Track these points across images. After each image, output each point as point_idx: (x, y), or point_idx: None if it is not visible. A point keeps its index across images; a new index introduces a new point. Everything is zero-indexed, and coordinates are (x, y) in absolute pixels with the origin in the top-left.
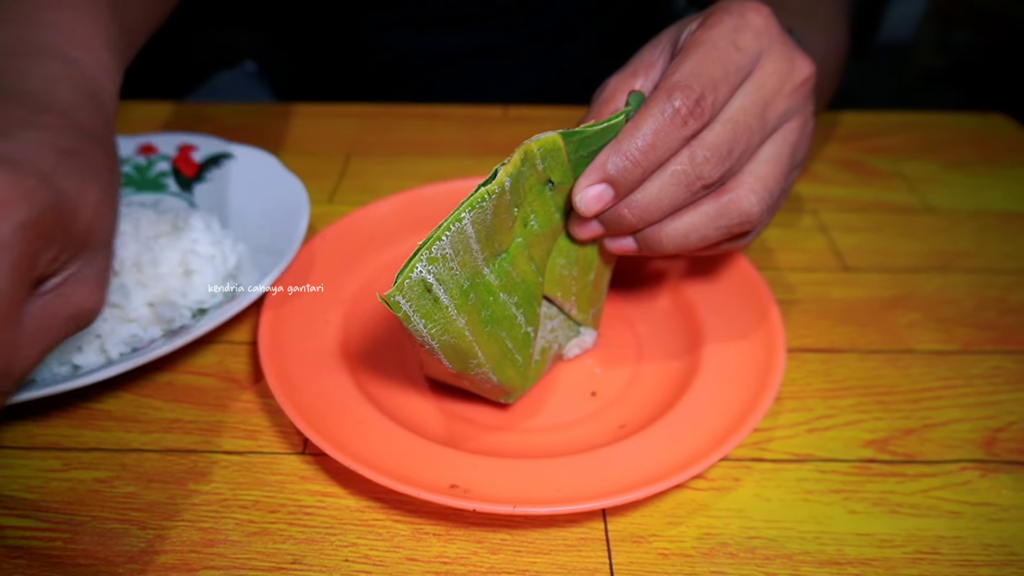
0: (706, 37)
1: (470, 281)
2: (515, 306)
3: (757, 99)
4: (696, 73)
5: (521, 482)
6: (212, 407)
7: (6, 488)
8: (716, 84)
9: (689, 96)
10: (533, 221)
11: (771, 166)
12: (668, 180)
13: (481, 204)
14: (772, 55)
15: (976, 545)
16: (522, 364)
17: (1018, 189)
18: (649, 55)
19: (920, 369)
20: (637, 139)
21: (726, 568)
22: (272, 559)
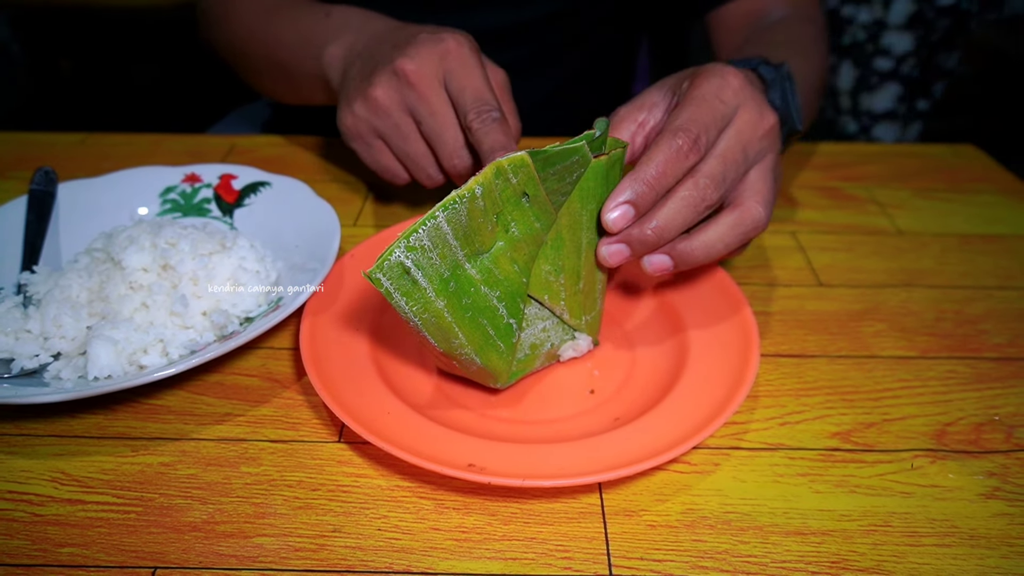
0: (698, 93)
1: (450, 272)
2: (497, 299)
3: (739, 140)
4: (693, 119)
5: (529, 462)
6: (258, 403)
7: (84, 471)
8: (708, 127)
9: (689, 136)
10: (514, 228)
11: (762, 183)
12: (679, 204)
13: (454, 206)
14: (747, 107)
15: (923, 520)
16: (505, 351)
17: (978, 213)
18: (655, 95)
19: (882, 372)
20: (651, 169)
21: (705, 537)
22: (315, 528)
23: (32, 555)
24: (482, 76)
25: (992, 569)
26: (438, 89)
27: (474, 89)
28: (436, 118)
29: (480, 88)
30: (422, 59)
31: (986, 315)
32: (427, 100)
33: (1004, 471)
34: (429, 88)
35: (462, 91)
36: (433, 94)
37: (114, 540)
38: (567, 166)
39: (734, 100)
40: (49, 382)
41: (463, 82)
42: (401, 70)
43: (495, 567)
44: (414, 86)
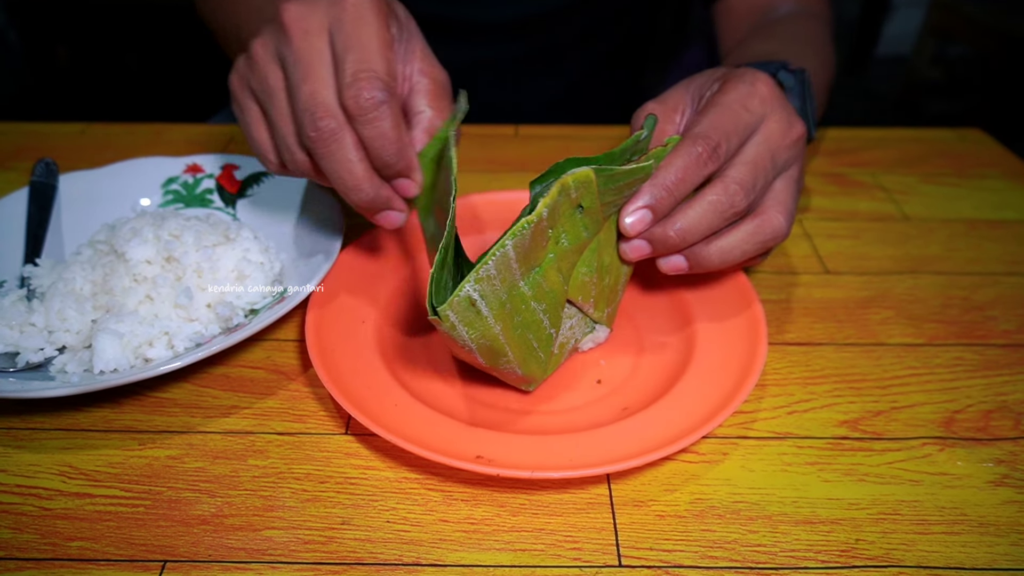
0: (722, 100)
1: (507, 294)
2: (543, 312)
3: (767, 148)
4: (714, 127)
5: (537, 453)
6: (264, 395)
7: (91, 464)
8: (729, 136)
9: (708, 144)
10: (564, 240)
11: (786, 193)
12: (706, 208)
13: (522, 231)
14: (775, 116)
15: (932, 508)
16: (543, 360)
17: (986, 199)
18: (680, 95)
19: (890, 359)
20: (669, 175)
21: (714, 527)
22: (324, 521)
23: (42, 549)
24: (377, 37)
25: (1001, 556)
26: (313, 38)
27: (361, 49)
28: (299, 67)
29: (369, 50)
30: (309, 4)
31: (994, 301)
32: (295, 46)
33: (1013, 458)
34: (301, 34)
35: (345, 50)
36: (304, 40)
37: (123, 534)
38: (630, 183)
39: (761, 109)
40: (55, 376)
41: (349, 39)
42: (280, 16)
43: (504, 558)
44: (287, 30)
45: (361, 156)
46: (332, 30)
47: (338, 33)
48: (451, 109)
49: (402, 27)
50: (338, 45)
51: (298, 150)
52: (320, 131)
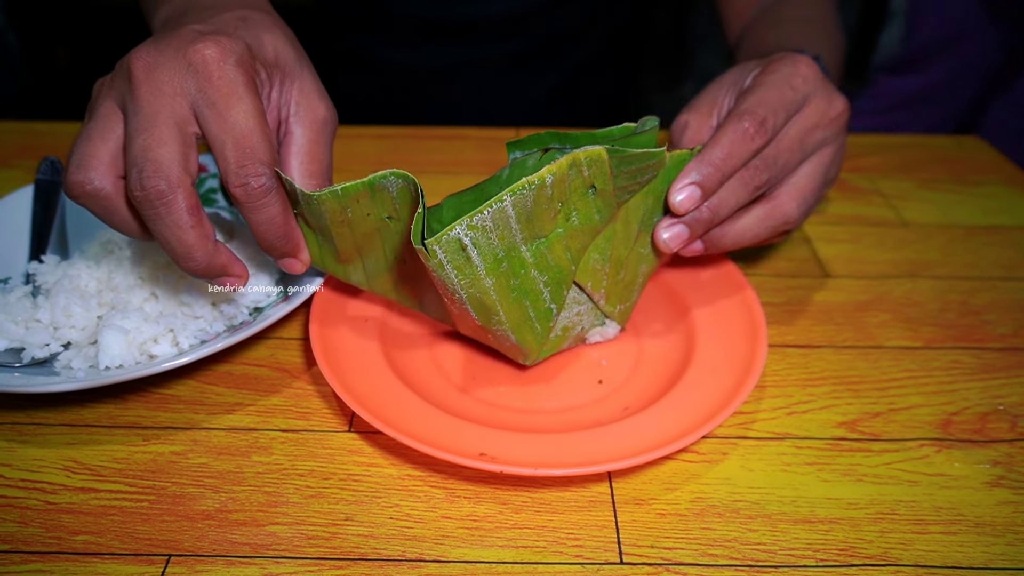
0: (767, 79)
1: (505, 252)
2: (544, 284)
3: (800, 128)
4: (761, 103)
5: (539, 451)
6: (268, 393)
7: (95, 459)
8: (775, 111)
9: (755, 118)
10: (575, 217)
11: (808, 180)
12: (734, 183)
13: (522, 191)
14: (816, 96)
15: (929, 508)
16: (540, 333)
17: (984, 205)
18: (713, 96)
19: (888, 362)
20: (718, 151)
21: (714, 526)
22: (328, 517)
23: (47, 543)
24: (254, 115)
25: (998, 556)
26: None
27: (240, 133)
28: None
29: (248, 132)
30: (163, 57)
31: (991, 305)
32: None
33: (1009, 460)
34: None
35: (222, 132)
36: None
37: (128, 528)
38: (642, 168)
39: (804, 88)
40: (60, 371)
41: (224, 122)
42: (129, 64)
43: (507, 555)
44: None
45: (195, 222)
46: (197, 105)
47: (208, 110)
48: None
49: (270, 71)
50: (211, 125)
51: None
52: (146, 190)
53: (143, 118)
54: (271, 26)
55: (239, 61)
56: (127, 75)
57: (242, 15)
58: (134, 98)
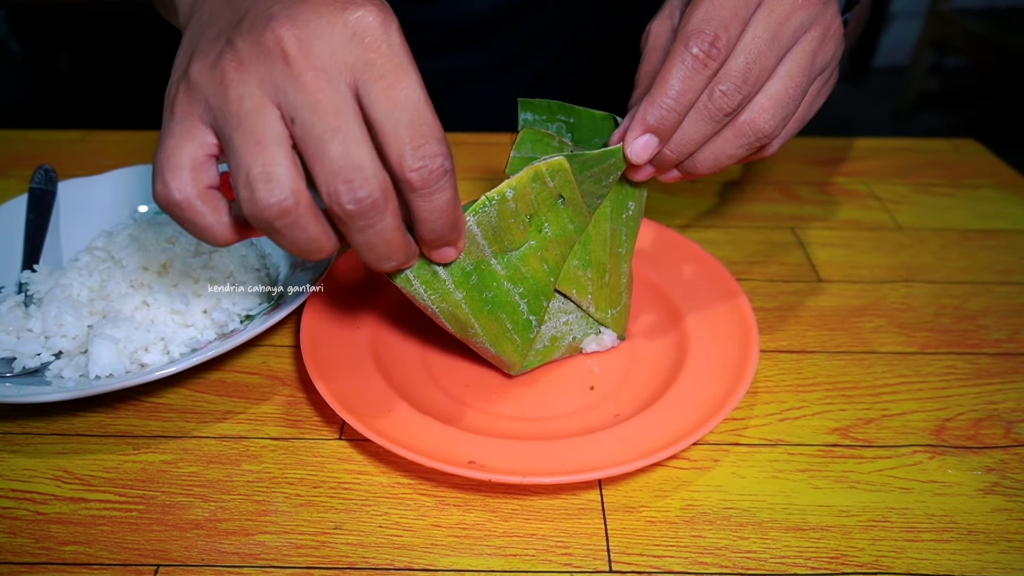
0: None
1: (474, 266)
2: (519, 295)
3: (769, 24)
4: (707, 18)
5: (529, 458)
6: (259, 401)
7: (86, 469)
8: (727, 23)
9: (703, 40)
10: (547, 229)
11: (785, 82)
12: (695, 117)
13: (484, 209)
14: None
15: (922, 515)
16: (521, 345)
17: (978, 208)
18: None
19: (882, 368)
20: (668, 90)
21: (705, 533)
22: (317, 525)
23: (36, 553)
24: (422, 89)
25: (990, 564)
26: (335, 81)
27: (413, 108)
28: (319, 116)
29: (421, 108)
30: (320, 34)
31: (985, 310)
32: (309, 88)
33: (1003, 466)
34: (317, 73)
35: (393, 107)
36: (321, 81)
37: (117, 538)
38: (604, 168)
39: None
40: (51, 381)
41: (394, 94)
42: (279, 40)
43: (496, 563)
44: (291, 63)
45: (399, 223)
46: (360, 76)
47: (376, 85)
48: None
49: None
50: (380, 103)
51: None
52: (360, 202)
53: (327, 118)
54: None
55: (400, 31)
56: (277, 54)
57: None
58: (299, 87)
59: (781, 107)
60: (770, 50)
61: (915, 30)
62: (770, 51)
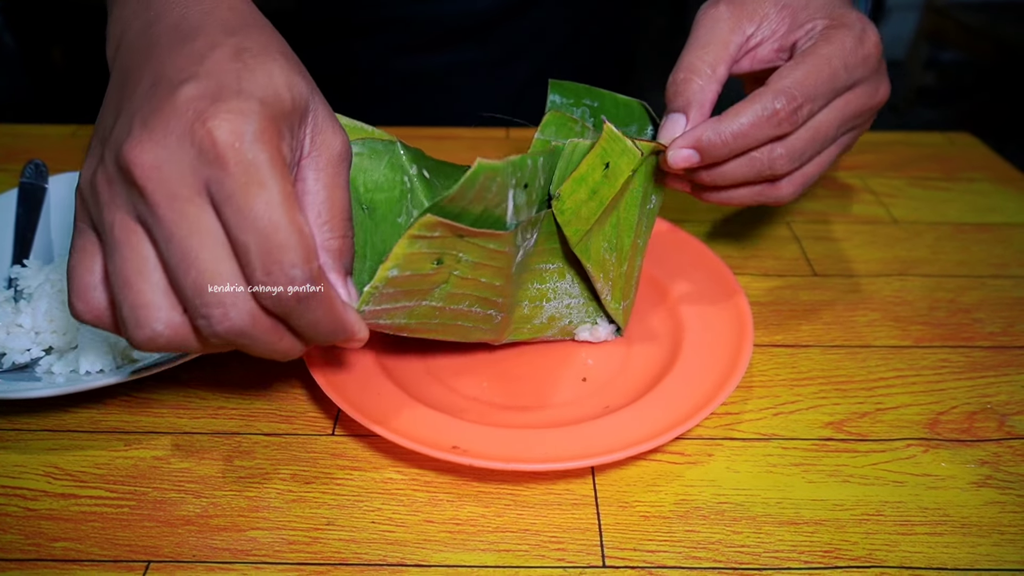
0: (825, 51)
1: (408, 311)
2: (468, 305)
3: (841, 116)
4: (804, 84)
5: (514, 446)
6: (251, 395)
7: (76, 465)
8: (816, 99)
9: (791, 104)
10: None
11: (817, 167)
12: (744, 161)
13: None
14: (868, 81)
15: (915, 508)
16: (493, 327)
17: (973, 202)
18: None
19: (876, 361)
20: (734, 124)
21: (698, 528)
22: (309, 521)
23: (25, 550)
24: (282, 204)
25: (983, 557)
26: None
27: (265, 230)
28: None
29: (275, 227)
30: (169, 157)
31: (980, 304)
32: (161, 216)
33: (996, 459)
34: (168, 200)
35: (242, 230)
36: (173, 210)
37: (107, 534)
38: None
39: (860, 72)
40: (41, 377)
41: (244, 217)
42: (127, 163)
43: (489, 559)
44: (143, 189)
45: (286, 338)
46: (214, 195)
47: (226, 207)
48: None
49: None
50: (231, 221)
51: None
52: (223, 334)
53: (177, 248)
54: (275, 54)
55: (258, 133)
56: (130, 179)
57: (237, 47)
58: (155, 218)
59: (804, 186)
60: (832, 137)
61: (911, 24)
62: (832, 138)
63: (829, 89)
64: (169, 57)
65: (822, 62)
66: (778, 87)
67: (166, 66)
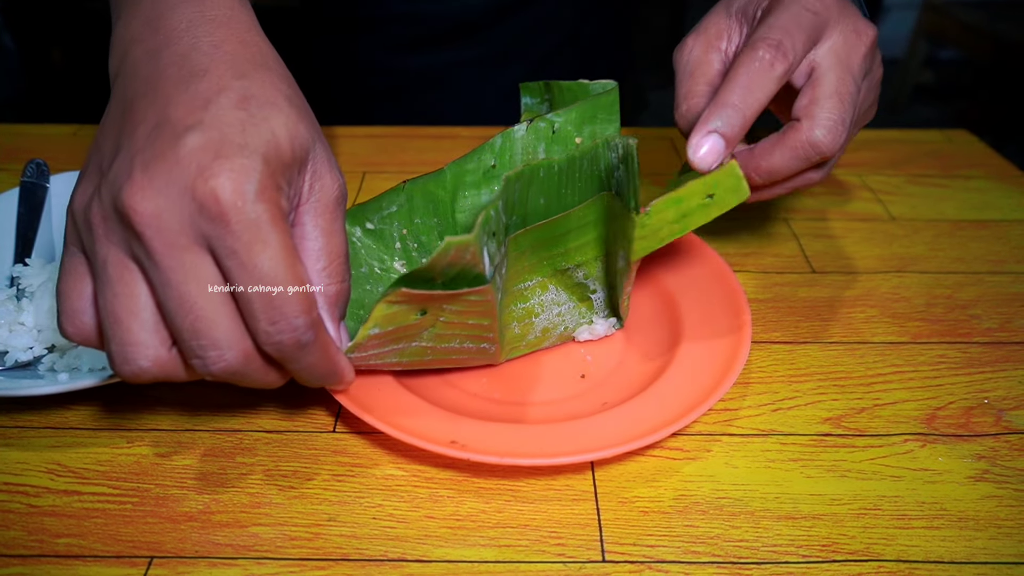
0: (776, 4)
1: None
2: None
3: (844, 76)
4: (773, 26)
5: (512, 441)
6: (253, 394)
7: (79, 462)
8: (791, 32)
9: (770, 44)
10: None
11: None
12: (787, 153)
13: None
14: (840, 23)
15: (912, 503)
16: (488, 356)
17: (971, 199)
18: (720, 20)
19: (874, 357)
20: (735, 88)
21: (697, 523)
22: (311, 518)
23: (28, 546)
24: (283, 260)
25: (980, 550)
26: (184, 254)
27: (266, 282)
28: (170, 291)
29: (278, 279)
30: (169, 206)
31: (977, 300)
32: (159, 262)
33: (993, 454)
34: (166, 248)
35: (243, 282)
36: (171, 257)
37: (110, 530)
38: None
39: (822, 10)
40: (43, 374)
41: (247, 272)
42: (126, 210)
43: (489, 554)
44: (142, 236)
45: (272, 372)
46: (214, 249)
47: (229, 261)
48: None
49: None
50: (234, 274)
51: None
52: (218, 374)
53: (174, 294)
54: (280, 101)
55: (259, 192)
56: (127, 223)
57: (244, 93)
58: (153, 263)
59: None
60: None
61: (909, 22)
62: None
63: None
64: (175, 95)
65: (781, 8)
66: (753, 40)
67: (171, 107)
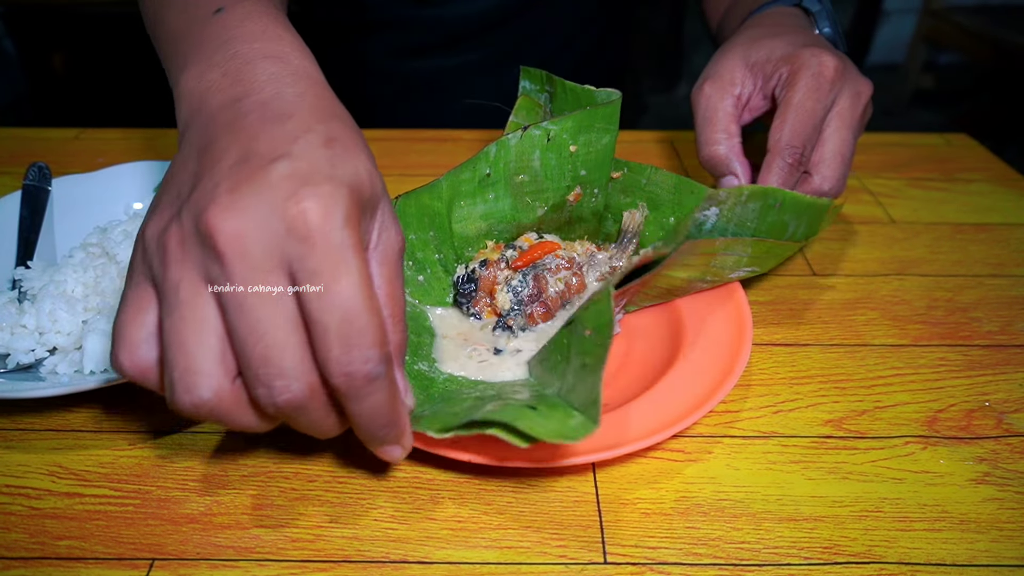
0: (796, 100)
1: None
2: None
3: (846, 136)
4: (796, 134)
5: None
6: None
7: (81, 464)
8: (809, 137)
9: (795, 153)
10: None
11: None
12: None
13: None
14: (843, 94)
15: (914, 505)
16: None
17: (971, 202)
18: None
19: (875, 360)
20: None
21: (699, 524)
22: (312, 519)
23: (30, 548)
24: (362, 287)
25: (982, 553)
26: (264, 276)
27: (346, 311)
28: (243, 315)
29: (355, 309)
30: (256, 225)
31: (977, 303)
32: (237, 283)
33: (994, 456)
34: (246, 270)
35: (323, 310)
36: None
37: (112, 532)
38: None
39: (831, 94)
40: (46, 377)
41: (327, 297)
42: (209, 229)
43: (491, 556)
44: (221, 256)
45: (332, 416)
46: (296, 272)
47: (309, 283)
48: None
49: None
50: (311, 299)
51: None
52: (281, 406)
53: (248, 319)
54: (360, 147)
55: (347, 218)
56: (209, 243)
57: (328, 135)
58: (230, 282)
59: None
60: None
61: (909, 27)
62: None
63: (814, 125)
64: (261, 133)
65: (798, 110)
66: (780, 146)
67: (257, 142)
